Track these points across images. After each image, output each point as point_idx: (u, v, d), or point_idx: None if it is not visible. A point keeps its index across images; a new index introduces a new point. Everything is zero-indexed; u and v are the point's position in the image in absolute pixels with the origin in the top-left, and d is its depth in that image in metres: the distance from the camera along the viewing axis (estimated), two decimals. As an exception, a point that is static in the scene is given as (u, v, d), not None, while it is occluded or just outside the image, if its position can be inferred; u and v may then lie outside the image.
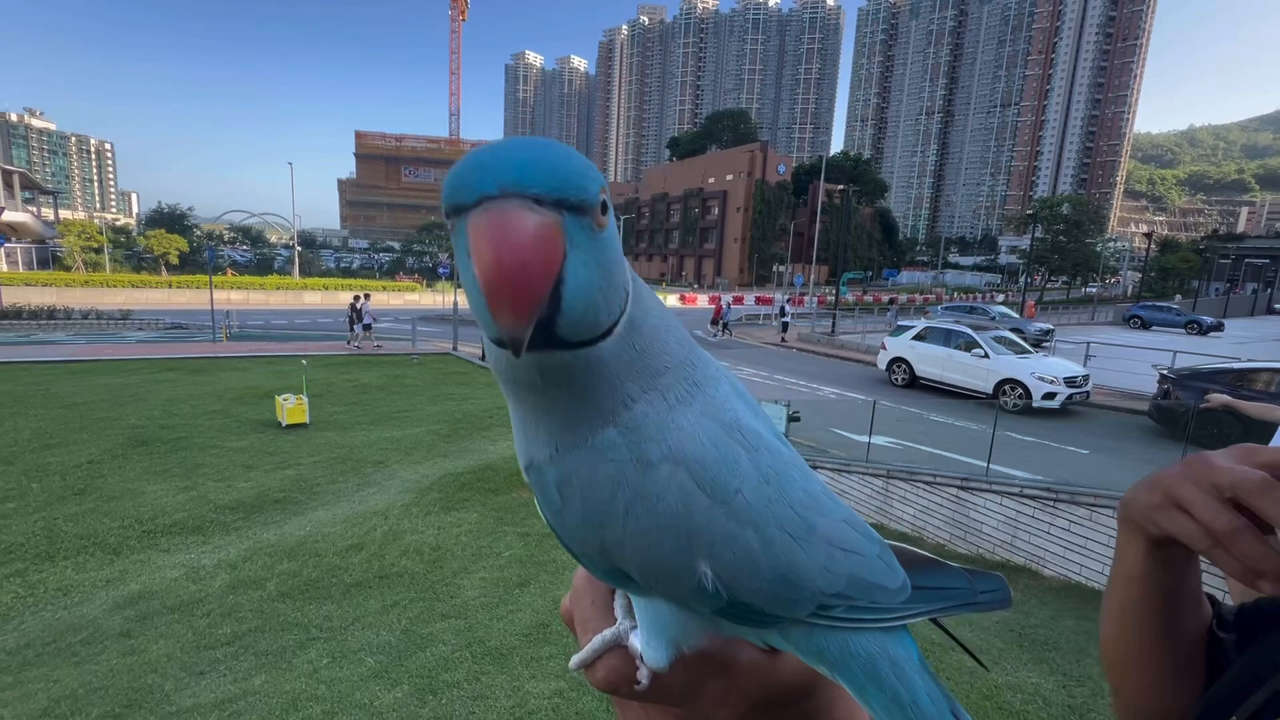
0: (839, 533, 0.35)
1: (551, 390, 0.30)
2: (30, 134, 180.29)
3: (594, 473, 0.31)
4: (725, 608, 0.33)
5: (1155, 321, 30.42)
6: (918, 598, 0.36)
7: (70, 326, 21.69)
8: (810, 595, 0.33)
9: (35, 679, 3.46)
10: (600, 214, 0.27)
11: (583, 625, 0.37)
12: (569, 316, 0.26)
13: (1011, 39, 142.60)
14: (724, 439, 0.32)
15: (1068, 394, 11.66)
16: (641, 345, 0.31)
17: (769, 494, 0.33)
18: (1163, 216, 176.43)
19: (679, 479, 0.31)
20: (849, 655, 0.34)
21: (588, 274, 0.26)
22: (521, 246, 0.23)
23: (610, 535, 0.31)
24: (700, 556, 0.31)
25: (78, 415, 9.23)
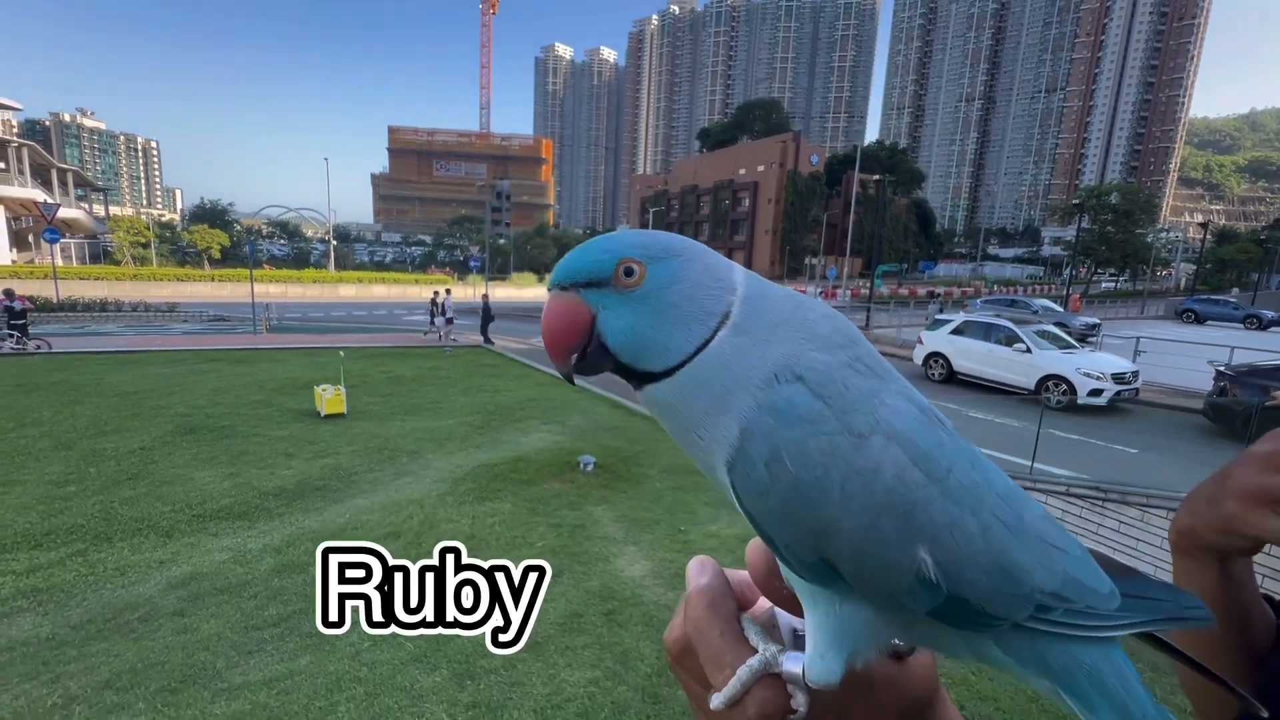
0: (1046, 529, 0.33)
1: (700, 394, 0.32)
2: (82, 133, 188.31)
3: (805, 446, 0.30)
4: (943, 605, 0.30)
5: (1210, 316, 29.07)
6: (1128, 606, 0.33)
7: (121, 318, 22.67)
8: (1029, 592, 0.31)
9: (98, 653, 3.63)
10: (623, 278, 0.33)
11: (715, 660, 0.33)
12: (625, 355, 0.33)
13: (1058, 21, 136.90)
14: (924, 419, 0.32)
15: (1115, 390, 11.22)
16: (765, 332, 0.33)
17: (977, 478, 0.32)
18: (1220, 205, 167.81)
19: (893, 454, 0.30)
20: (1075, 666, 0.32)
21: (624, 323, 0.33)
22: (548, 318, 0.35)
23: (824, 517, 0.30)
24: (920, 541, 0.30)
25: (130, 404, 9.63)
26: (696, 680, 0.36)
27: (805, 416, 0.30)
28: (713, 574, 0.36)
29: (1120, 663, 0.33)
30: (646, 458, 7.57)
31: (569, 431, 8.76)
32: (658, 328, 0.33)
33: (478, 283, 35.36)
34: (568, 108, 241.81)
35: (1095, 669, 0.33)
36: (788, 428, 0.30)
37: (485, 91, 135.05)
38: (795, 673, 0.32)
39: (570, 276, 0.34)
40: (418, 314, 28.72)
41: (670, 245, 0.34)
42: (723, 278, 0.34)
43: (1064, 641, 0.32)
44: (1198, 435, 10.00)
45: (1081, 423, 10.49)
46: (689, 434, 0.34)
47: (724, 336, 0.32)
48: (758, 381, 0.31)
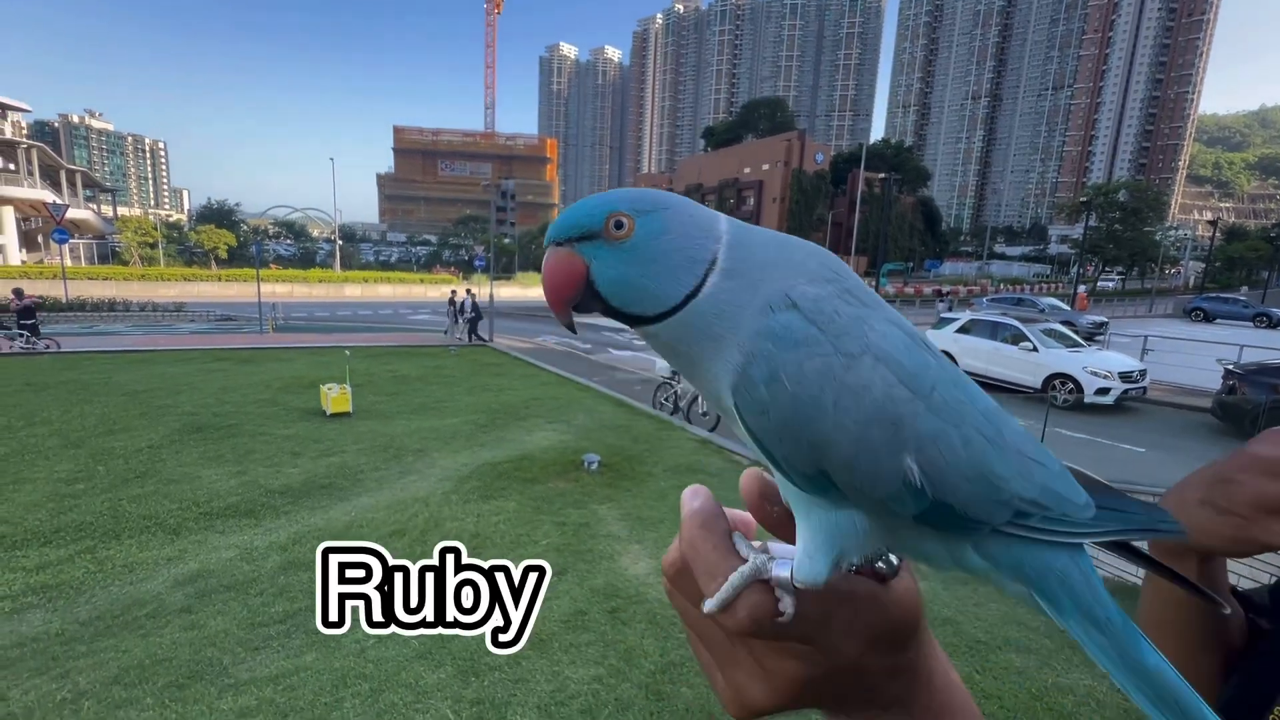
0: (1025, 443, 0.36)
1: (697, 335, 0.35)
2: (90, 134, 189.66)
3: (801, 368, 0.32)
4: (928, 510, 0.33)
5: (1220, 314, 28.83)
6: (1102, 517, 0.36)
7: (129, 318, 22.84)
8: (1008, 499, 0.34)
9: (106, 649, 3.66)
10: (613, 229, 0.36)
11: (709, 571, 0.35)
12: (616, 300, 0.36)
13: (1065, 18, 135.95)
14: (911, 343, 0.35)
15: (1123, 389, 11.15)
16: (754, 273, 0.35)
17: (960, 396, 0.34)
18: (1229, 203, 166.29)
19: (881, 373, 0.33)
20: (1047, 570, 0.35)
21: (615, 272, 0.36)
22: (546, 272, 0.37)
23: (820, 430, 0.32)
24: (907, 450, 0.32)
25: (138, 402, 9.71)
26: (690, 600, 0.38)
27: (801, 340, 0.33)
28: (705, 498, 0.39)
29: (1087, 568, 0.36)
30: (651, 456, 7.58)
31: (574, 430, 8.77)
32: (649, 276, 0.35)
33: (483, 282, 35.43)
34: (572, 107, 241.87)
35: (1065, 573, 0.35)
36: (785, 350, 0.32)
37: (490, 91, 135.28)
38: (784, 576, 0.34)
39: (565, 232, 0.37)
40: (423, 313, 28.81)
41: (657, 199, 0.37)
42: (707, 227, 0.36)
43: (1037, 547, 0.35)
44: (1206, 434, 9.93)
45: (1089, 422, 10.44)
46: (692, 368, 0.37)
47: (714, 282, 0.35)
48: (753, 313, 0.34)
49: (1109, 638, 0.35)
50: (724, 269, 0.35)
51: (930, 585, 4.75)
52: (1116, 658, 0.35)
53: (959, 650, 3.81)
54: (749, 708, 0.37)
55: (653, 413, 9.96)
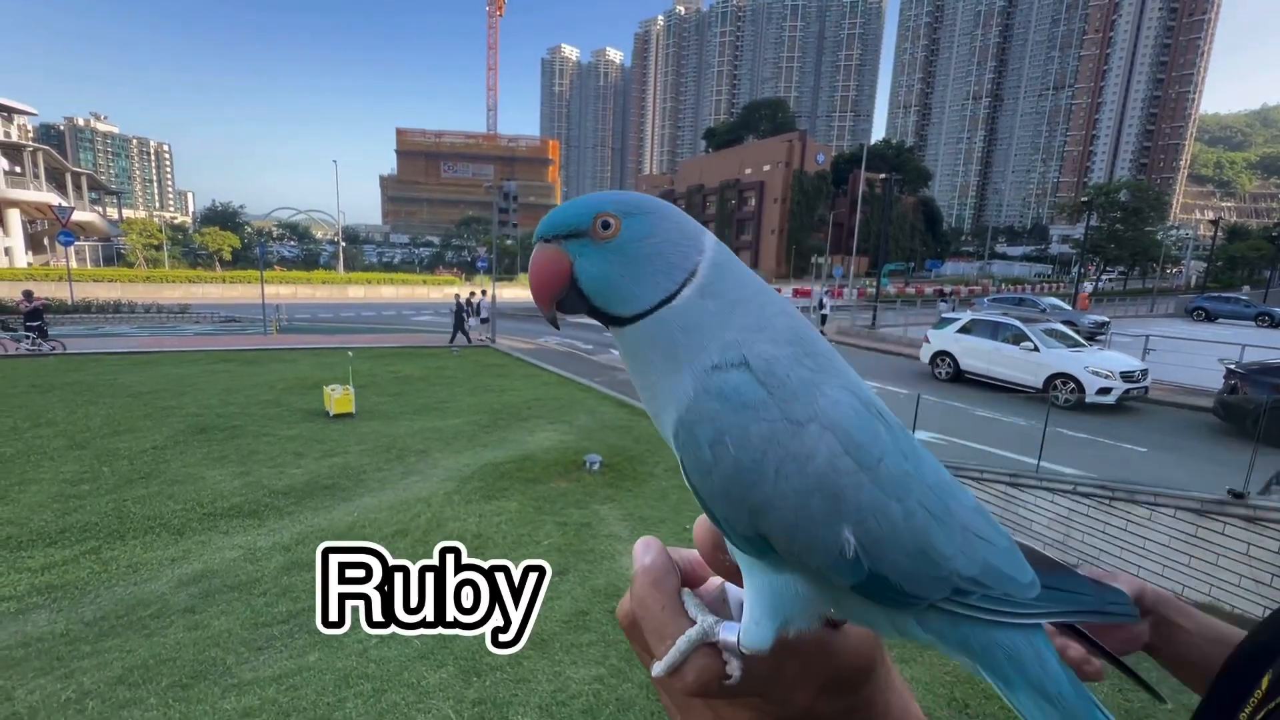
0: (973, 519, 0.36)
1: (646, 355, 0.36)
2: (96, 137, 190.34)
3: (747, 432, 0.32)
4: (864, 581, 0.33)
5: (1221, 314, 28.76)
6: (1047, 597, 0.36)
7: (134, 320, 22.91)
8: (947, 575, 0.33)
9: (111, 649, 3.69)
10: (599, 229, 0.36)
11: (658, 632, 0.36)
12: (597, 298, 0.37)
13: (1066, 18, 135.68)
14: (864, 412, 0.34)
15: (1124, 389, 11.13)
16: (724, 305, 0.35)
17: (908, 469, 0.34)
18: (1231, 202, 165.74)
19: (827, 442, 0.32)
20: (994, 646, 0.35)
21: (597, 270, 0.36)
22: (533, 268, 0.38)
23: (760, 495, 0.32)
24: (846, 521, 0.32)
25: (142, 404, 9.75)
26: (645, 650, 0.38)
27: (748, 403, 0.32)
28: (655, 552, 0.38)
29: (1040, 646, 0.35)
30: (652, 456, 7.59)
31: (575, 431, 8.79)
32: (628, 276, 0.36)
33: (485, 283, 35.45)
34: (574, 109, 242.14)
35: (1015, 650, 0.35)
36: (732, 413, 0.32)
37: (492, 93, 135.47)
38: (730, 640, 0.34)
39: (553, 229, 0.38)
40: (425, 314, 28.85)
41: (644, 203, 0.37)
42: (693, 238, 0.37)
43: (983, 625, 0.34)
44: (1208, 434, 9.91)
45: (1090, 421, 10.43)
46: (644, 378, 0.37)
47: (688, 294, 0.35)
48: (710, 356, 0.34)
49: (1061, 713, 0.34)
50: (702, 285, 0.36)
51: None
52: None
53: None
54: None
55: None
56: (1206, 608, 5.01)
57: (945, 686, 3.45)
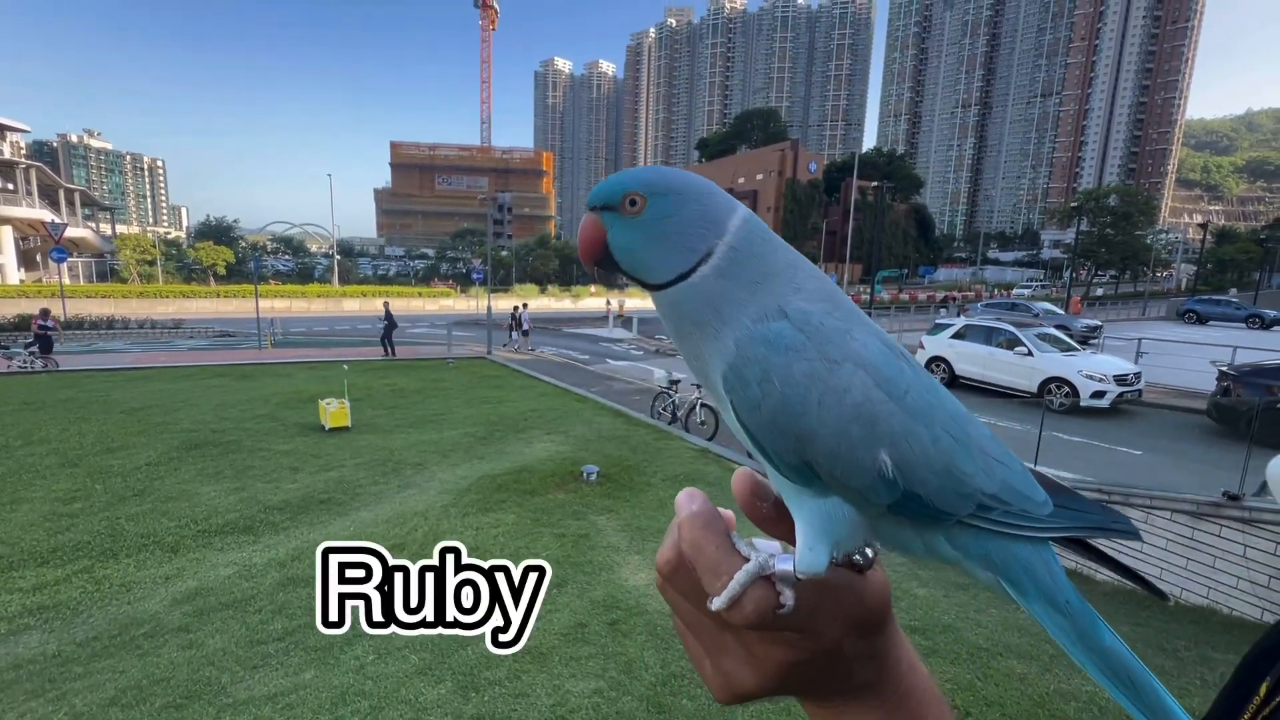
0: (990, 445, 0.40)
1: (684, 313, 0.40)
2: (89, 154, 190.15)
3: (790, 369, 0.37)
4: (900, 500, 0.37)
5: (1212, 316, 29.02)
6: (1058, 515, 0.39)
7: (127, 335, 22.80)
8: (972, 492, 0.38)
9: (103, 669, 3.64)
10: (627, 206, 0.40)
11: (713, 570, 0.38)
12: (625, 265, 0.41)
13: (1052, 26, 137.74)
14: (889, 353, 0.39)
15: (1118, 392, 11.19)
16: (751, 274, 0.39)
17: (931, 400, 0.39)
18: (1219, 206, 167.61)
19: (860, 377, 0.37)
20: (1013, 559, 0.39)
21: (624, 240, 0.41)
22: (579, 234, 0.43)
23: (805, 425, 0.36)
24: (881, 445, 0.36)
25: (136, 420, 9.69)
26: (686, 596, 0.40)
27: (790, 345, 0.37)
28: (702, 500, 0.41)
29: (1050, 559, 0.39)
30: (650, 466, 7.58)
31: (572, 441, 8.77)
32: (649, 251, 0.40)
33: (481, 295, 35.47)
34: (567, 120, 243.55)
35: (1029, 563, 0.39)
36: (776, 354, 0.37)
37: (486, 106, 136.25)
38: (787, 570, 0.37)
39: (593, 201, 0.42)
40: (421, 326, 28.82)
41: (672, 183, 0.41)
42: (715, 222, 0.40)
43: (1003, 539, 0.39)
44: (1202, 436, 9.96)
45: (1085, 425, 10.47)
46: (682, 341, 0.41)
47: (704, 272, 0.39)
48: (748, 318, 0.38)
49: (1069, 620, 0.38)
50: (718, 266, 0.39)
51: (931, 592, 4.75)
52: (1075, 638, 0.38)
53: (960, 657, 3.80)
54: (737, 692, 0.41)
55: (650, 422, 9.97)
56: (1204, 610, 5.02)
57: (947, 694, 3.40)
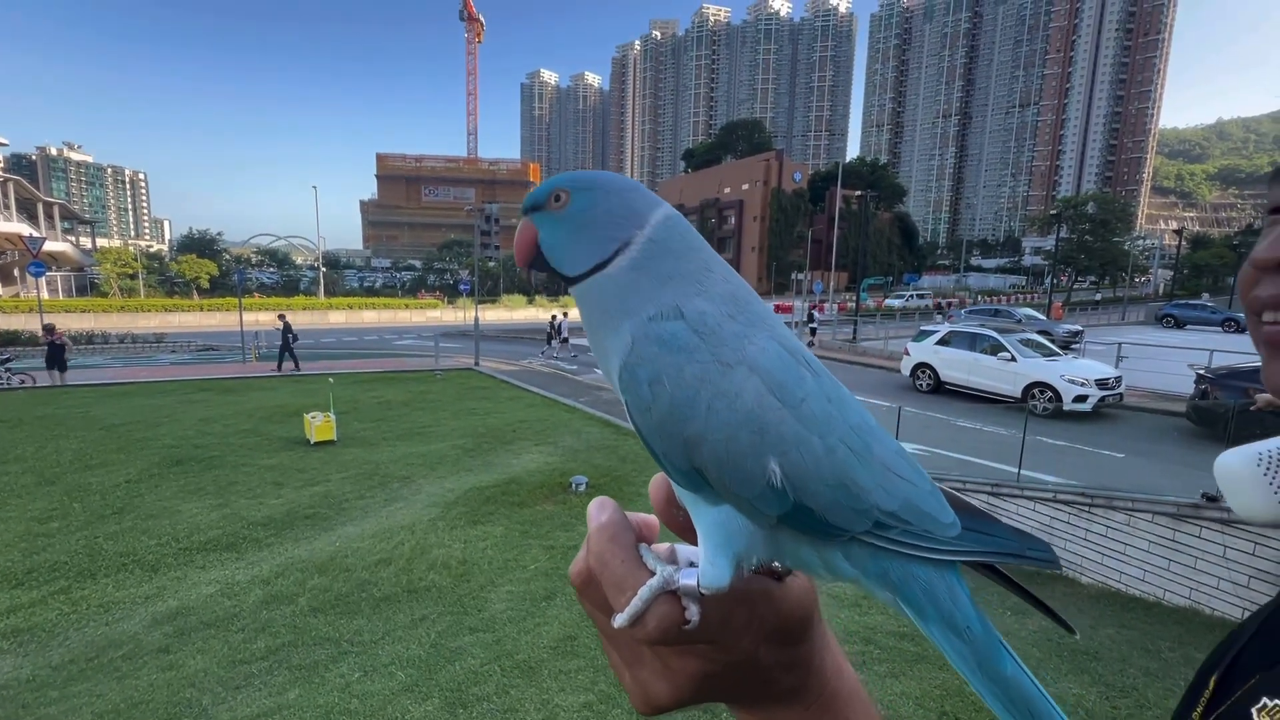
0: (894, 460, 0.38)
1: (595, 307, 0.40)
2: (69, 166, 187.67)
3: (681, 372, 0.36)
4: (791, 512, 0.36)
5: (1189, 320, 29.59)
6: (968, 538, 0.38)
7: (108, 350, 22.44)
8: (868, 509, 0.36)
9: (80, 694, 3.55)
10: (553, 202, 0.41)
11: (617, 585, 0.37)
12: (551, 259, 0.42)
13: (1028, 39, 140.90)
14: (789, 359, 0.38)
15: (1099, 396, 11.36)
16: (663, 272, 0.39)
17: (830, 410, 0.37)
18: (1193, 212, 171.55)
19: (753, 383, 0.36)
20: (911, 579, 0.37)
21: (551, 238, 0.42)
22: (516, 236, 0.44)
23: (693, 429, 0.36)
24: (771, 453, 0.35)
25: (116, 436, 9.51)
26: (599, 608, 0.40)
27: (684, 347, 0.36)
28: (611, 510, 0.40)
29: (954, 583, 0.38)
30: (639, 476, 7.56)
31: (560, 452, 8.73)
32: (570, 243, 0.41)
33: (468, 306, 35.33)
34: (554, 131, 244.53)
35: (930, 585, 0.37)
36: (668, 355, 0.36)
37: (472, 117, 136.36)
38: (690, 585, 0.36)
39: (525, 204, 0.44)
40: (408, 338, 28.62)
41: (595, 180, 0.42)
42: (636, 214, 0.40)
43: (902, 559, 0.37)
44: (1181, 438, 10.13)
45: (1068, 429, 10.60)
46: (593, 335, 0.41)
47: (618, 264, 0.39)
48: (647, 313, 0.38)
49: (969, 646, 0.37)
50: (633, 259, 0.39)
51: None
52: (975, 665, 0.37)
53: (948, 663, 3.82)
54: (654, 704, 0.40)
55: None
56: (1188, 611, 5.09)
57: (935, 700, 3.44)
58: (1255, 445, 0.56)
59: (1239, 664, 0.45)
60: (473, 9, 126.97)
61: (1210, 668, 0.48)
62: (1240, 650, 0.46)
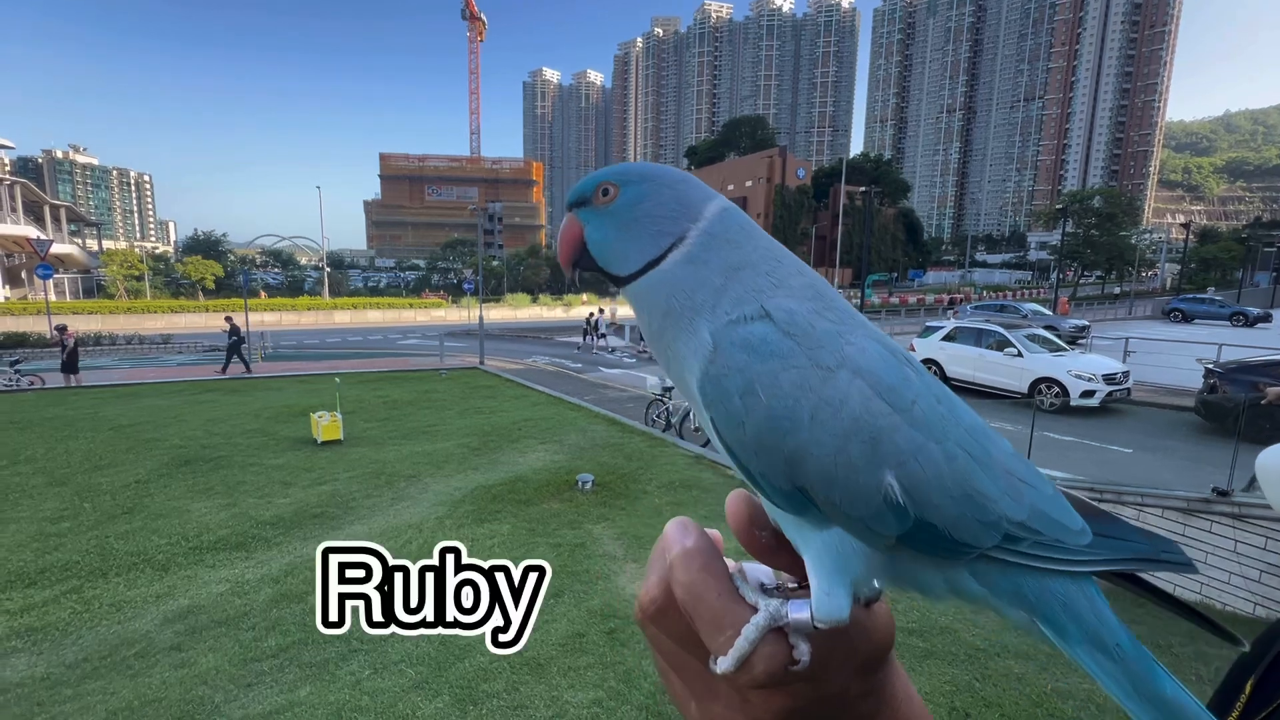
0: (1014, 464, 0.35)
1: (655, 304, 0.37)
2: (75, 169, 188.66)
3: (777, 379, 0.32)
4: (911, 531, 0.32)
5: (1197, 314, 29.41)
6: (1100, 545, 0.34)
7: (115, 351, 22.58)
8: (996, 520, 0.32)
9: (93, 692, 3.58)
10: (600, 196, 0.39)
11: (715, 623, 0.32)
12: (599, 258, 0.40)
13: (1033, 32, 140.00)
14: (891, 358, 0.34)
15: (1107, 391, 11.30)
16: (723, 263, 0.36)
17: (942, 412, 0.34)
18: (1201, 206, 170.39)
19: (859, 387, 0.32)
20: (1049, 596, 0.33)
21: (598, 234, 0.40)
22: (560, 234, 0.42)
23: (795, 443, 0.31)
24: (886, 465, 0.31)
25: (125, 437, 9.58)
26: (673, 639, 0.36)
27: (777, 352, 0.32)
28: (698, 535, 0.36)
29: (1094, 595, 0.34)
30: (645, 474, 7.57)
31: (566, 450, 8.75)
32: (620, 239, 0.39)
33: (472, 305, 35.42)
34: (556, 130, 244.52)
35: (1068, 600, 0.33)
36: (761, 362, 0.32)
37: (475, 116, 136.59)
38: (803, 619, 0.32)
39: (569, 199, 0.42)
40: (412, 337, 28.70)
41: (645, 172, 0.40)
42: (690, 207, 0.38)
43: (1037, 574, 0.33)
44: (1190, 433, 10.07)
45: (1075, 424, 10.55)
46: (655, 340, 0.38)
47: (674, 258, 0.37)
48: (724, 312, 0.34)
49: (1120, 665, 0.33)
50: (689, 253, 0.37)
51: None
52: (1129, 687, 0.33)
53: (958, 658, 3.81)
54: None
55: (645, 430, 9.96)
56: (1200, 607, 5.05)
57: (946, 696, 3.44)
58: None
59: (1277, 669, 0.44)
60: (474, 8, 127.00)
61: (1246, 669, 0.47)
62: (1278, 655, 0.45)
